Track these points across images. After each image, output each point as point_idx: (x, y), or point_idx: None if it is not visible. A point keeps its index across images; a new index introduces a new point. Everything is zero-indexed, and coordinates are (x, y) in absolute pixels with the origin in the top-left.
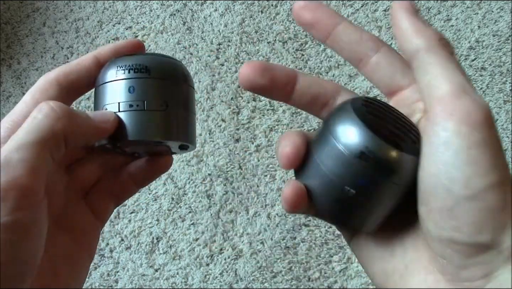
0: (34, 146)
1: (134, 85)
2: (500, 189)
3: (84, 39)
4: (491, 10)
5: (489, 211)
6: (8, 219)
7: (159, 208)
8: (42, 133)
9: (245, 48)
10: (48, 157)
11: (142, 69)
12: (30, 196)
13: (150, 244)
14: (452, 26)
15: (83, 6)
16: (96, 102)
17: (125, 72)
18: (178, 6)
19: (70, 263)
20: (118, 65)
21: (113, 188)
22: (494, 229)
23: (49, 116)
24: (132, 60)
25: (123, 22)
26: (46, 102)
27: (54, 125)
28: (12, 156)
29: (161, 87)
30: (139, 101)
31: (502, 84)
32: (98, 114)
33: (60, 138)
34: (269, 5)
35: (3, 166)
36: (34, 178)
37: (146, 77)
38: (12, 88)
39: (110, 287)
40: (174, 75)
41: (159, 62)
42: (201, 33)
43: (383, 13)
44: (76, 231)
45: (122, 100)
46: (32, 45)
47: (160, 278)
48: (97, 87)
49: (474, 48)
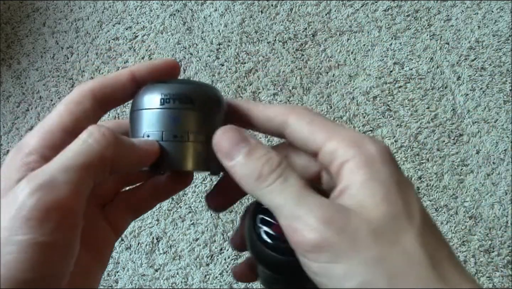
0: (82, 169)
1: (179, 116)
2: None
3: (84, 39)
4: (491, 10)
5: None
6: (48, 239)
7: (159, 208)
8: (91, 159)
9: (245, 48)
10: (91, 181)
11: (187, 100)
12: (71, 218)
13: (150, 244)
14: (452, 26)
15: (83, 6)
16: (135, 126)
17: (169, 101)
18: (178, 6)
19: (84, 274)
20: (162, 93)
21: (131, 202)
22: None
23: (99, 142)
24: (176, 89)
25: (123, 22)
26: (97, 128)
27: (104, 152)
28: (59, 176)
29: (203, 119)
30: (183, 132)
31: (502, 84)
32: (142, 143)
33: (106, 165)
34: (269, 5)
35: (48, 186)
36: (77, 200)
37: (190, 109)
38: (12, 88)
39: (110, 287)
40: (214, 107)
41: (202, 94)
42: (201, 33)
43: (383, 13)
44: (92, 244)
45: (166, 130)
46: (32, 45)
47: (160, 278)
48: (137, 111)
49: (474, 48)
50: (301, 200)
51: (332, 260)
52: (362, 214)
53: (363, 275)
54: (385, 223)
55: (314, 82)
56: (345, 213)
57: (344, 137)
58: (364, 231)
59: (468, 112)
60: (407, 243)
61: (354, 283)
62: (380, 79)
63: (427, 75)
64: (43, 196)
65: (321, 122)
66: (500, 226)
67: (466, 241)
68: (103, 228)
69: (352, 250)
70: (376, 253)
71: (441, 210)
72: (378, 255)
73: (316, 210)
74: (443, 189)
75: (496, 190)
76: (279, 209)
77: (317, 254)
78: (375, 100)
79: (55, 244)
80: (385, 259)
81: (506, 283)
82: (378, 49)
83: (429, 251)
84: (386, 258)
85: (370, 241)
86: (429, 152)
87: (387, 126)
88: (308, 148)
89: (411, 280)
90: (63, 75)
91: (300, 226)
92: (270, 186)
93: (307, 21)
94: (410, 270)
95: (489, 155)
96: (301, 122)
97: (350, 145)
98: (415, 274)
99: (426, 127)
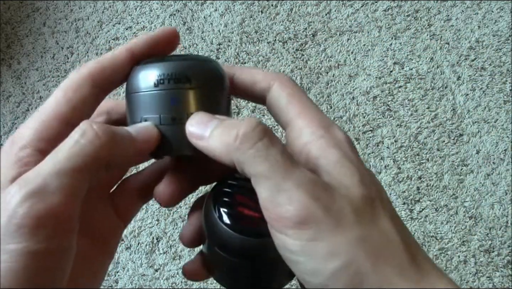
0: (75, 173)
1: (176, 97)
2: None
3: (84, 39)
4: (491, 10)
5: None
6: (41, 247)
7: (159, 208)
8: (84, 161)
9: (245, 48)
10: (86, 182)
11: (183, 78)
12: (66, 223)
13: (150, 244)
14: (452, 26)
15: (83, 6)
16: (132, 110)
17: (165, 82)
18: (178, 6)
19: (89, 265)
20: (157, 73)
21: (138, 187)
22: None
23: (92, 142)
24: (172, 68)
25: (123, 22)
26: (90, 125)
27: (98, 153)
28: (51, 181)
29: (204, 98)
30: (182, 114)
31: (502, 84)
32: (140, 131)
33: (102, 165)
34: (269, 5)
35: (40, 192)
36: (71, 206)
37: (188, 88)
38: (12, 88)
39: (110, 287)
40: (214, 84)
41: (199, 70)
42: (201, 33)
43: (383, 13)
44: (96, 233)
45: (164, 113)
46: (32, 45)
47: (160, 278)
48: (132, 94)
49: (474, 48)
50: (288, 172)
51: (316, 237)
52: (344, 194)
53: (347, 254)
54: (364, 204)
55: (314, 82)
56: (331, 191)
57: (314, 117)
58: (347, 210)
59: (468, 112)
60: (384, 225)
61: (337, 263)
62: (380, 79)
63: (427, 75)
64: (35, 203)
65: (300, 98)
66: (500, 226)
67: (466, 241)
68: (108, 216)
69: (337, 229)
70: (359, 233)
71: (441, 210)
72: (361, 235)
73: (305, 185)
74: (443, 189)
75: (496, 190)
76: (262, 179)
77: (300, 230)
78: (375, 100)
79: (50, 251)
80: (367, 239)
81: (506, 283)
82: (378, 49)
83: (401, 235)
84: (368, 238)
85: (353, 220)
86: (429, 152)
87: (387, 126)
88: (281, 118)
89: (390, 261)
90: (63, 75)
91: (284, 200)
92: (253, 147)
93: (307, 21)
94: (389, 251)
95: (489, 155)
96: (282, 92)
97: (319, 125)
98: (393, 255)
99: (426, 127)
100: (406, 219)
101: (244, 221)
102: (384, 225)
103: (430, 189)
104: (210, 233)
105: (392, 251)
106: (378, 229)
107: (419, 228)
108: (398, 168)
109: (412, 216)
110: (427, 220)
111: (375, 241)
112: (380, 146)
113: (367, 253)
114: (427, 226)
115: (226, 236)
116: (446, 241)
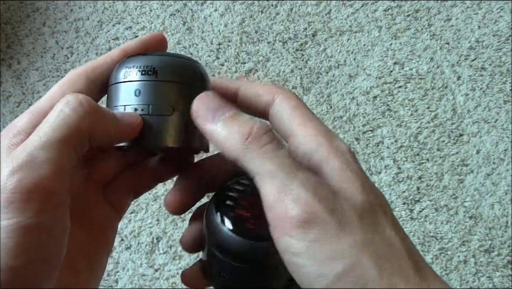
0: (60, 144)
1: (140, 88)
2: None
3: (84, 39)
4: (491, 10)
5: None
6: (33, 221)
7: (159, 208)
8: (69, 130)
9: (245, 48)
10: (73, 155)
11: (150, 71)
12: (55, 197)
13: (150, 244)
14: (452, 26)
15: (83, 6)
16: (107, 102)
17: (131, 74)
18: (178, 6)
19: (88, 256)
20: (126, 66)
21: (132, 182)
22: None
23: (76, 111)
24: (141, 61)
25: (123, 22)
26: (74, 95)
27: (81, 122)
28: (37, 154)
29: (167, 91)
30: (144, 105)
31: (502, 84)
32: (126, 115)
33: (86, 136)
34: (269, 5)
35: (28, 165)
36: (59, 178)
37: (153, 80)
38: (12, 88)
39: (110, 287)
40: (183, 77)
41: (167, 64)
42: (201, 33)
43: (383, 13)
44: (93, 224)
45: (128, 104)
46: (32, 45)
47: (160, 278)
48: (109, 86)
49: (474, 48)
50: (293, 172)
51: (320, 238)
52: (347, 198)
53: (351, 257)
54: (367, 210)
55: (314, 82)
56: (335, 194)
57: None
58: (351, 213)
59: (468, 112)
60: (387, 232)
61: (340, 266)
62: (380, 79)
63: (427, 75)
64: (23, 177)
65: (303, 110)
66: (500, 226)
67: (466, 241)
68: (104, 208)
69: (341, 231)
70: (363, 237)
71: (441, 210)
72: (365, 239)
73: (309, 185)
74: (443, 189)
75: (496, 190)
76: (268, 178)
77: (304, 230)
78: (375, 100)
79: (41, 226)
80: (371, 244)
81: (506, 283)
82: (378, 49)
83: (404, 243)
84: (372, 243)
85: (357, 224)
86: (429, 151)
87: (387, 126)
88: (283, 128)
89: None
90: (63, 75)
91: (290, 199)
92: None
93: (307, 21)
94: (392, 257)
95: (489, 155)
96: (286, 105)
97: (322, 135)
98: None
99: (426, 127)
100: (406, 219)
101: (246, 224)
102: (387, 232)
103: (430, 189)
104: (212, 236)
105: (397, 258)
106: (382, 235)
107: (419, 228)
108: (398, 168)
109: (412, 216)
110: (427, 220)
111: (379, 246)
112: (380, 146)
113: (372, 257)
114: (427, 226)
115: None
116: (446, 241)
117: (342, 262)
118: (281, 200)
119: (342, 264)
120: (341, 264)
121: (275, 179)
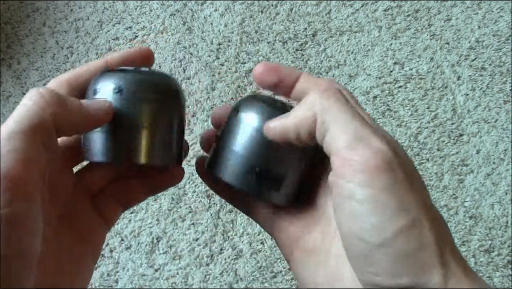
0: (24, 134)
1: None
2: (410, 232)
3: (84, 39)
4: (491, 10)
5: (402, 256)
6: (6, 211)
7: (159, 208)
8: (32, 121)
9: (245, 48)
10: (39, 145)
11: (116, 89)
12: (23, 186)
13: (150, 244)
14: (452, 26)
15: (83, 6)
16: None
17: (102, 91)
18: (178, 6)
19: (75, 262)
20: (97, 84)
21: (121, 194)
22: (413, 272)
23: (37, 103)
24: (110, 80)
25: (123, 22)
26: (36, 89)
27: (43, 112)
28: (3, 145)
29: (136, 109)
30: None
31: (502, 84)
32: (94, 103)
33: (50, 126)
34: (269, 5)
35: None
36: (25, 168)
37: (119, 99)
38: (12, 88)
39: (110, 287)
40: (154, 95)
41: (134, 83)
42: (201, 33)
43: (383, 13)
44: (81, 231)
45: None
46: (32, 45)
47: (160, 278)
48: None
49: (474, 48)
50: (366, 123)
51: (389, 188)
52: None
53: (417, 213)
54: None
55: None
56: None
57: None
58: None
59: (468, 112)
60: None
61: (404, 219)
62: (380, 79)
63: (427, 75)
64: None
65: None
66: (500, 226)
67: (466, 241)
68: (93, 216)
69: (410, 185)
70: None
71: (441, 210)
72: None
73: (382, 135)
74: (443, 189)
75: (496, 190)
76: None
77: (374, 177)
78: (375, 100)
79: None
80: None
81: (506, 283)
82: (378, 49)
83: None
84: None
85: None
86: (429, 151)
87: (387, 126)
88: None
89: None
90: None
91: (364, 145)
92: (335, 95)
93: (307, 21)
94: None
95: (489, 155)
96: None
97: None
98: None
99: (426, 127)
100: None
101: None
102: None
103: (430, 189)
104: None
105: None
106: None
107: None
108: None
109: None
110: None
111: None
112: None
113: (429, 220)
114: None
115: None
116: None
117: (406, 217)
118: (354, 145)
119: (406, 218)
120: (405, 218)
121: (350, 124)
